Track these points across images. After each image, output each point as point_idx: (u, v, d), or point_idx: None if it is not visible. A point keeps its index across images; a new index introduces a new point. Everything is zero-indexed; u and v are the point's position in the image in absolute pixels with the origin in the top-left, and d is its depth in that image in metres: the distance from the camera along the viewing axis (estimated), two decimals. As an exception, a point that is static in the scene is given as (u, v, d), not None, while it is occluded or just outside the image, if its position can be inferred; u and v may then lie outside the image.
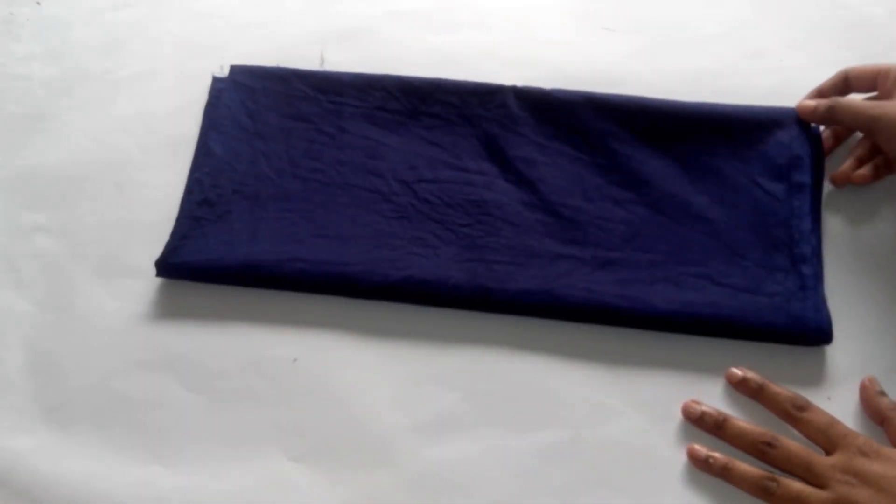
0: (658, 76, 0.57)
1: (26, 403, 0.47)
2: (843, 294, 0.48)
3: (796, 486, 0.41)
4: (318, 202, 0.52)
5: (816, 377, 0.46)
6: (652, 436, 0.45)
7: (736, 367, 0.46)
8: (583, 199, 0.51)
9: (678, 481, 0.43)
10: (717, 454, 0.43)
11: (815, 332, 0.46)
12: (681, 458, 0.44)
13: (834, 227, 0.50)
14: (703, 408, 0.44)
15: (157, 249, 0.50)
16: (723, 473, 0.43)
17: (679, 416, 0.45)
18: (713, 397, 0.45)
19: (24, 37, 0.62)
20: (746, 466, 0.42)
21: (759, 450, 0.43)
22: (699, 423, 0.44)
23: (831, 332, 0.45)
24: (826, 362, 0.46)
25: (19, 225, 0.54)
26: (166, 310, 0.50)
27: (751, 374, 0.45)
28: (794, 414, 0.43)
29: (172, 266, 0.50)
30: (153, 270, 0.50)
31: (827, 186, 0.51)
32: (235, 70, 0.58)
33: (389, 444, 0.45)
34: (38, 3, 0.64)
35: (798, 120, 0.52)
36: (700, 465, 0.43)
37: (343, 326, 0.49)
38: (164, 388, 0.47)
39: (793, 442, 0.43)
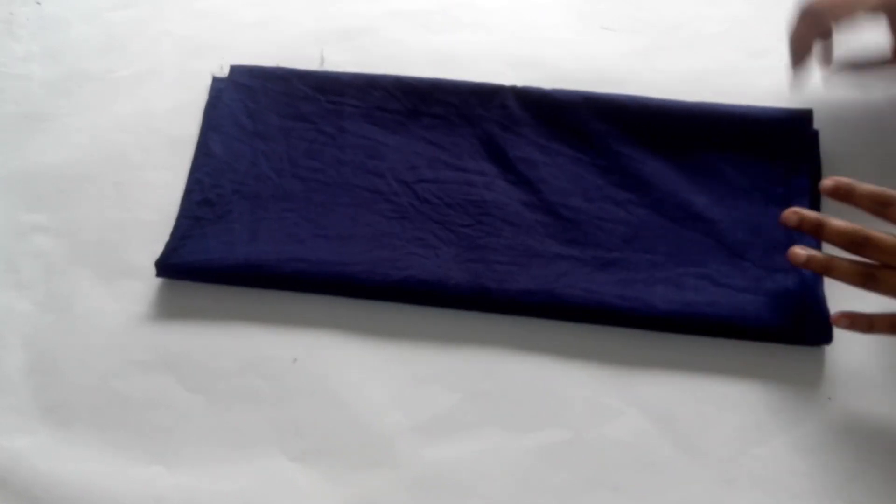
0: (658, 76, 0.57)
1: (26, 403, 0.47)
2: (842, 294, 0.48)
3: None
4: (318, 202, 0.52)
5: (816, 377, 0.46)
6: (652, 436, 0.45)
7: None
8: (583, 200, 0.51)
9: (678, 481, 0.43)
10: (817, 253, 0.44)
11: (815, 332, 0.46)
12: (681, 458, 0.44)
13: (834, 227, 0.50)
14: (803, 213, 0.45)
15: (158, 249, 0.50)
16: (826, 268, 0.44)
17: (679, 415, 0.45)
18: (713, 397, 0.45)
19: (24, 37, 0.62)
20: (848, 259, 0.44)
21: (857, 244, 0.43)
22: (800, 226, 0.45)
23: (831, 331, 0.45)
24: (826, 362, 0.46)
25: (19, 225, 0.54)
26: (166, 310, 0.50)
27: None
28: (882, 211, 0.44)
29: (172, 266, 0.50)
30: (153, 270, 0.50)
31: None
32: (235, 70, 0.58)
33: (389, 444, 0.45)
34: (38, 2, 0.64)
35: (797, 121, 0.52)
36: (803, 264, 0.44)
37: (343, 326, 0.49)
38: (164, 388, 0.47)
39: (887, 235, 0.43)
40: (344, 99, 0.56)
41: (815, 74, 0.54)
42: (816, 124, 0.53)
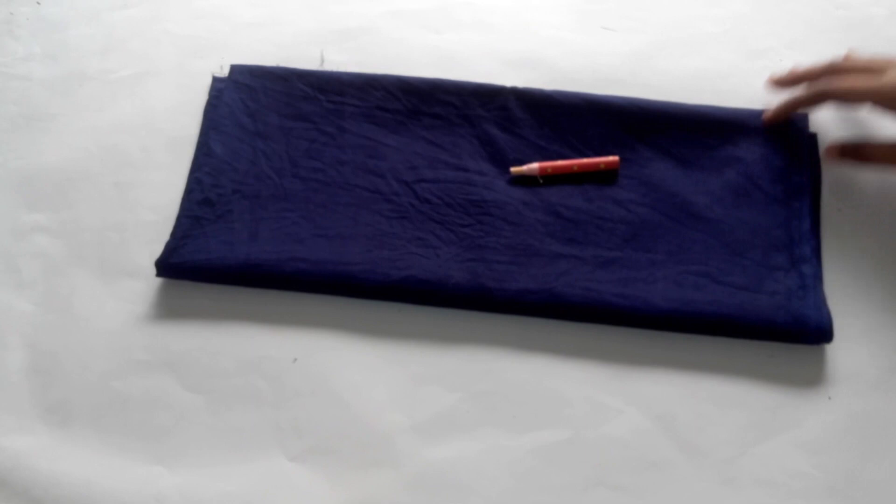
0: (658, 76, 0.57)
1: (26, 403, 0.47)
2: (843, 293, 0.48)
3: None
4: (318, 202, 0.52)
5: (817, 376, 0.46)
6: (652, 435, 0.45)
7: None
8: (583, 200, 0.51)
9: (678, 481, 0.43)
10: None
11: (816, 331, 0.46)
12: (681, 458, 0.44)
13: (833, 227, 0.50)
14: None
15: (158, 249, 0.50)
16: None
17: (679, 415, 0.45)
18: (713, 397, 0.45)
19: (24, 37, 0.62)
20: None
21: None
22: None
23: (832, 330, 0.45)
24: (826, 361, 0.46)
25: (19, 225, 0.54)
26: (166, 310, 0.50)
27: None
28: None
29: (173, 266, 0.50)
30: (153, 270, 0.50)
31: (826, 186, 0.51)
32: (235, 70, 0.58)
33: (389, 444, 0.45)
34: (38, 3, 0.64)
35: (797, 121, 0.52)
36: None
37: (343, 326, 0.49)
38: (164, 388, 0.47)
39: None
40: (344, 99, 0.56)
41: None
42: (816, 125, 0.53)
